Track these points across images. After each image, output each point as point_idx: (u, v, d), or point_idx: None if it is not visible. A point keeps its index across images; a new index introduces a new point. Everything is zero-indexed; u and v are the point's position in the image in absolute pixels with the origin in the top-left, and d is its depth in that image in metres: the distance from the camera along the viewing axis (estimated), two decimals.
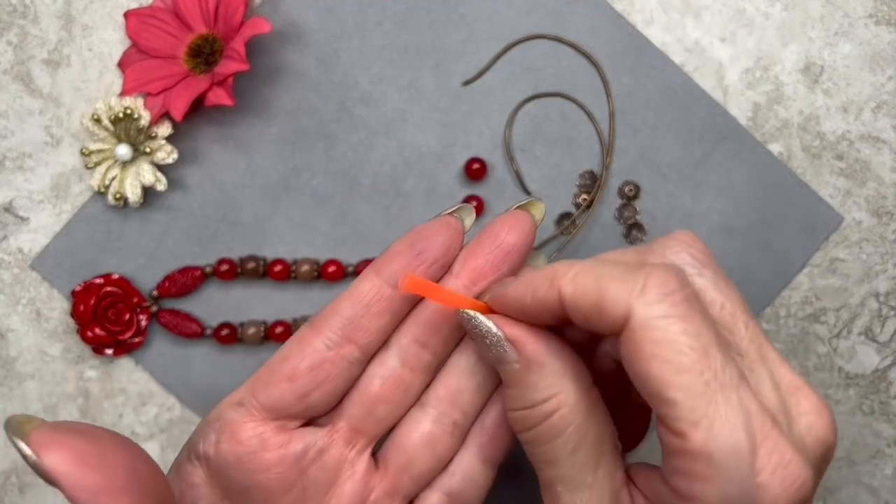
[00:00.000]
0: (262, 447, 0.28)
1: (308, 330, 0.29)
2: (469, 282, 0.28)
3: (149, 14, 0.39)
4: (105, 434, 0.23)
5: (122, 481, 0.21)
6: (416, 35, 0.40)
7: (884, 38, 0.41)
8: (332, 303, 0.29)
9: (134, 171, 0.39)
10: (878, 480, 0.41)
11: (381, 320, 0.29)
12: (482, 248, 0.29)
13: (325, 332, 0.28)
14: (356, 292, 0.29)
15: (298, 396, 0.28)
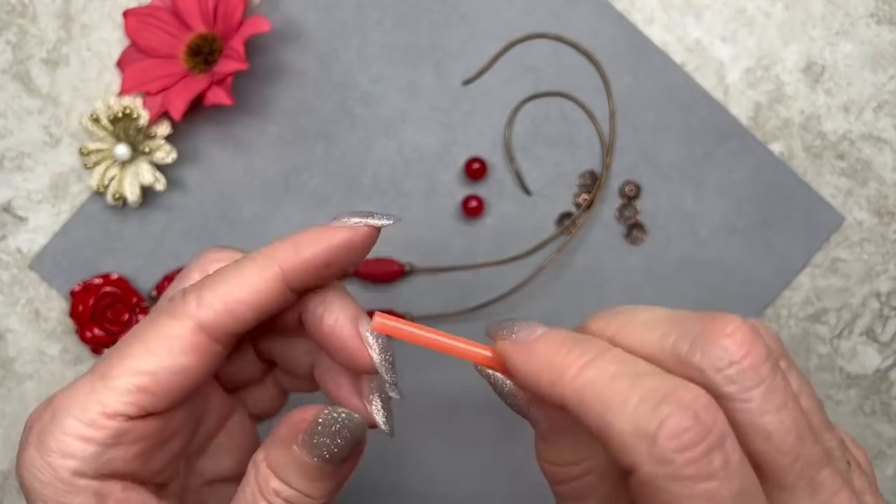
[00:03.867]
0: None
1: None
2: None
3: (148, 13, 0.39)
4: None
5: None
6: (416, 34, 0.40)
7: (885, 38, 0.40)
8: None
9: (133, 171, 0.39)
10: (880, 481, 0.41)
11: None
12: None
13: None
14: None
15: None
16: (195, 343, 0.24)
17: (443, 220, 0.40)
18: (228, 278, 0.24)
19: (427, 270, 0.40)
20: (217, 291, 0.24)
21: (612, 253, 0.41)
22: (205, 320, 0.24)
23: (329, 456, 0.24)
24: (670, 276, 0.41)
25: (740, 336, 0.21)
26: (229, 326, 0.24)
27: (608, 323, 0.23)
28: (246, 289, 0.24)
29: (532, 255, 0.40)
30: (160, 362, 0.24)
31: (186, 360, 0.24)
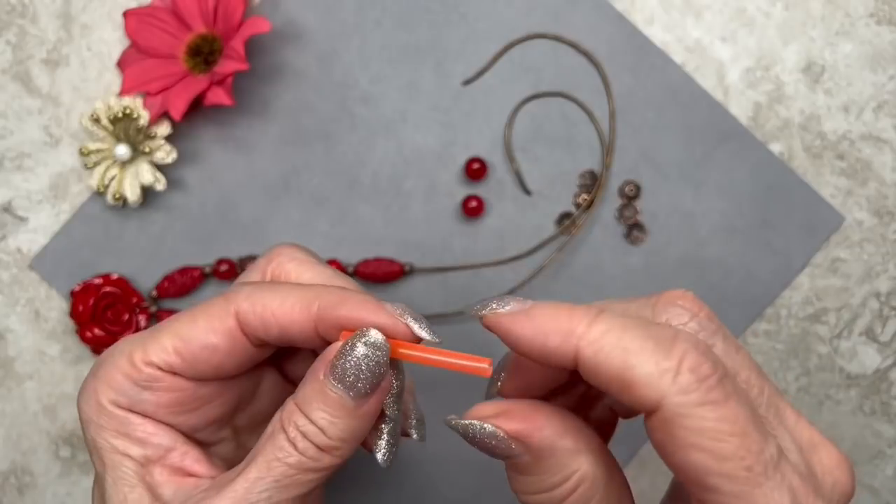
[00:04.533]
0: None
1: None
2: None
3: (148, 13, 0.39)
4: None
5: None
6: (416, 35, 0.40)
7: (885, 38, 0.41)
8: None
9: (133, 171, 0.39)
10: (879, 481, 0.41)
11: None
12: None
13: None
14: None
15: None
16: (229, 329, 0.26)
17: (443, 220, 0.40)
18: (278, 291, 0.26)
19: (427, 270, 0.40)
20: (263, 298, 0.26)
21: (612, 253, 0.41)
22: (242, 314, 0.26)
23: (352, 381, 0.25)
24: (670, 276, 0.41)
25: (690, 298, 0.25)
26: (260, 333, 0.26)
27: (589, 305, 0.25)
28: (285, 310, 0.26)
29: (532, 255, 0.40)
30: (194, 332, 0.26)
31: (216, 339, 0.26)
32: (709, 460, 0.21)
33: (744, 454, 0.21)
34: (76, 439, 0.40)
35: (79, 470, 0.41)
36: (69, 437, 0.40)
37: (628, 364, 0.22)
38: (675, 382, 0.21)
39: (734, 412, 0.21)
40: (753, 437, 0.21)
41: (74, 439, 0.40)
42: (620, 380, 0.22)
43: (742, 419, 0.22)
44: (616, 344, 0.22)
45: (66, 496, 0.41)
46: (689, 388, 0.21)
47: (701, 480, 0.22)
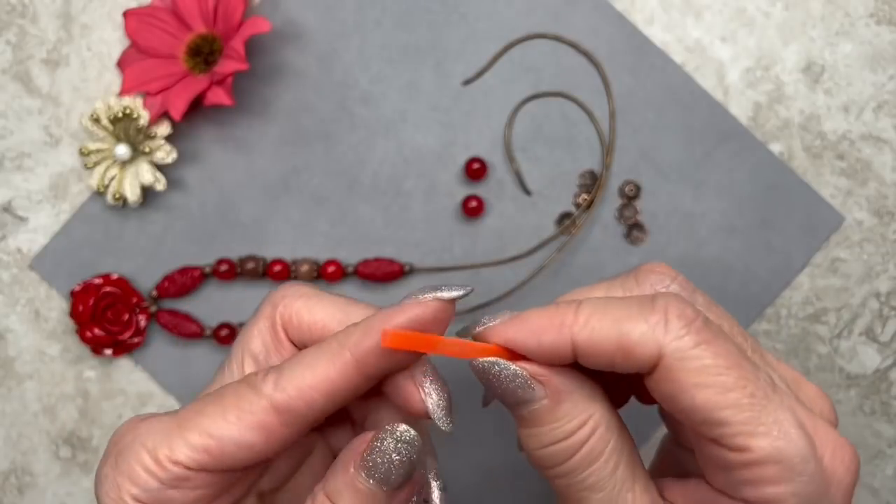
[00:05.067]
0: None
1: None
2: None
3: (148, 13, 0.39)
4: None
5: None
6: (416, 35, 0.40)
7: (885, 38, 0.41)
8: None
9: (133, 171, 0.39)
10: (879, 481, 0.41)
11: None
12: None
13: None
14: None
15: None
16: (265, 423, 0.24)
17: (443, 220, 0.40)
18: (304, 363, 0.25)
19: (427, 270, 0.40)
20: (292, 376, 0.24)
21: (612, 253, 0.41)
22: (279, 404, 0.24)
23: (384, 475, 0.24)
24: None
25: (666, 266, 0.27)
26: (302, 412, 0.24)
27: (563, 298, 0.26)
28: (319, 376, 0.24)
29: (532, 255, 0.40)
30: (228, 430, 0.24)
31: (253, 436, 0.24)
32: (715, 395, 0.22)
33: (744, 383, 0.23)
34: (76, 439, 0.40)
35: (79, 470, 0.41)
36: (69, 437, 0.40)
37: (622, 332, 0.23)
38: (668, 331, 0.23)
39: (725, 348, 0.23)
40: (747, 368, 0.23)
41: (74, 439, 0.40)
42: (620, 349, 0.23)
43: (733, 353, 0.23)
44: (605, 319, 0.23)
45: (66, 496, 0.41)
46: (681, 332, 0.23)
47: (711, 417, 0.23)
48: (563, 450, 0.25)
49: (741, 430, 0.22)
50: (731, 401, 0.22)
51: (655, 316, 0.23)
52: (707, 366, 0.23)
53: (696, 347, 0.23)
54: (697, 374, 0.23)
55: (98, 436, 0.40)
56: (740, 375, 0.23)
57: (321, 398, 0.24)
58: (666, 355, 0.23)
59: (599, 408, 0.25)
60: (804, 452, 0.23)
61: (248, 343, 0.27)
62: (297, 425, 0.25)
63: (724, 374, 0.23)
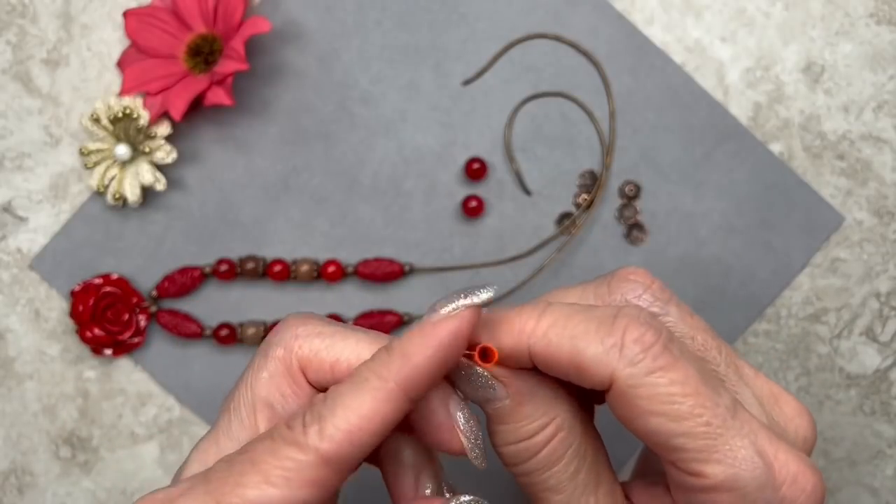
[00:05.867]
0: None
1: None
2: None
3: (148, 13, 0.39)
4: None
5: None
6: (416, 35, 0.40)
7: (885, 38, 0.41)
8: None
9: (133, 171, 0.39)
10: (879, 481, 0.41)
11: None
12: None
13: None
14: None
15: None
16: (316, 478, 0.22)
17: (443, 220, 0.40)
18: (345, 404, 0.23)
19: (427, 270, 0.40)
20: (336, 422, 0.23)
21: (611, 253, 0.41)
22: (328, 453, 0.22)
23: None
24: (670, 276, 0.41)
25: (642, 273, 0.26)
26: (353, 455, 0.23)
27: (540, 299, 0.26)
28: (366, 415, 0.23)
29: (532, 255, 0.40)
30: (278, 495, 0.22)
31: (304, 493, 0.22)
32: (668, 423, 0.22)
33: (700, 411, 0.22)
34: (76, 439, 0.40)
35: (79, 470, 0.41)
36: (69, 437, 0.40)
37: (577, 349, 0.23)
38: (622, 356, 0.22)
39: (683, 373, 0.22)
40: (706, 394, 0.23)
41: (74, 439, 0.40)
42: (573, 366, 0.23)
43: (692, 379, 0.23)
44: (562, 333, 0.23)
45: (66, 496, 0.41)
46: (635, 358, 0.22)
47: (665, 443, 0.23)
48: (526, 449, 0.25)
49: (695, 458, 0.22)
50: (685, 429, 0.22)
51: (612, 338, 0.23)
52: (660, 394, 0.22)
53: (650, 375, 0.22)
54: (651, 402, 0.22)
55: (98, 436, 0.40)
56: (696, 403, 0.22)
57: (370, 438, 0.23)
58: (618, 381, 0.22)
59: (563, 411, 0.25)
60: (760, 480, 0.22)
61: (257, 390, 0.25)
62: (347, 470, 0.23)
63: (678, 403, 0.22)
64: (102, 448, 0.40)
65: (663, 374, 0.22)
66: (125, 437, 0.40)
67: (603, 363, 0.23)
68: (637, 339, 0.23)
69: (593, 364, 0.23)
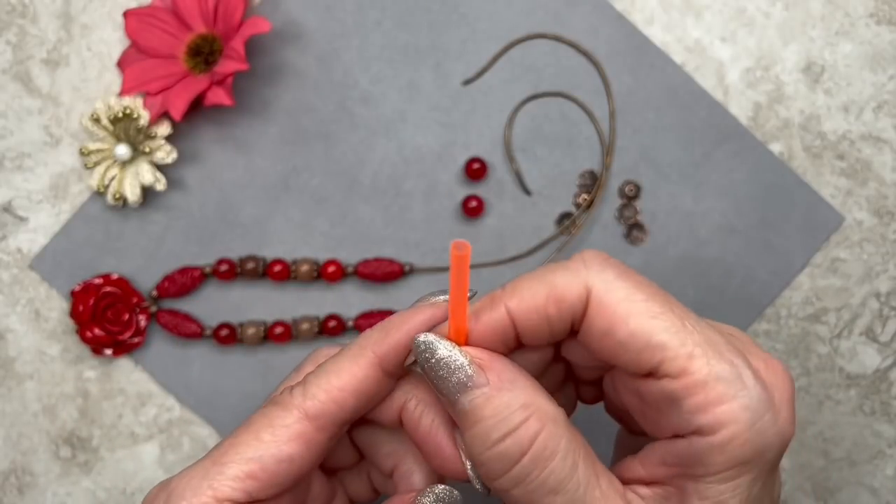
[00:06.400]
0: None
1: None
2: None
3: (148, 13, 0.39)
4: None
5: None
6: (416, 35, 0.40)
7: (885, 38, 0.41)
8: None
9: (133, 171, 0.39)
10: (879, 481, 0.41)
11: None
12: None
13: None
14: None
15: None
16: (301, 432, 0.25)
17: (443, 220, 0.40)
18: (327, 369, 0.26)
19: (427, 270, 0.40)
20: (319, 383, 0.25)
21: (611, 253, 0.40)
22: (311, 410, 0.25)
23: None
24: (670, 276, 0.41)
25: (597, 252, 0.26)
26: (334, 414, 0.25)
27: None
28: (344, 376, 0.25)
29: (532, 255, 0.40)
30: (268, 449, 0.25)
31: (292, 448, 0.25)
32: (647, 320, 0.23)
33: (671, 308, 0.23)
34: (76, 439, 0.40)
35: (79, 470, 0.41)
36: (69, 437, 0.40)
37: (549, 283, 0.24)
38: (590, 269, 0.24)
39: (643, 280, 0.24)
40: (671, 300, 0.24)
41: (74, 439, 0.40)
42: (550, 299, 0.24)
43: (651, 285, 0.24)
44: (532, 280, 0.24)
45: (66, 496, 0.41)
46: (601, 267, 0.24)
47: (647, 343, 0.23)
48: (512, 447, 0.23)
49: (679, 353, 0.23)
50: (664, 324, 0.23)
51: (575, 263, 0.24)
52: (632, 293, 0.23)
53: (618, 279, 0.23)
54: (627, 303, 0.23)
55: (98, 436, 0.40)
56: (665, 302, 0.23)
57: (351, 398, 0.25)
58: (593, 289, 0.23)
59: (545, 403, 0.24)
60: (739, 369, 0.23)
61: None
62: (331, 429, 0.25)
63: (651, 300, 0.23)
64: (102, 448, 0.40)
65: (629, 278, 0.24)
66: (125, 437, 0.40)
67: (575, 281, 0.24)
68: (595, 255, 0.24)
69: (568, 286, 0.23)
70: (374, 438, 0.28)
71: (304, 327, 0.40)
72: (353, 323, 0.40)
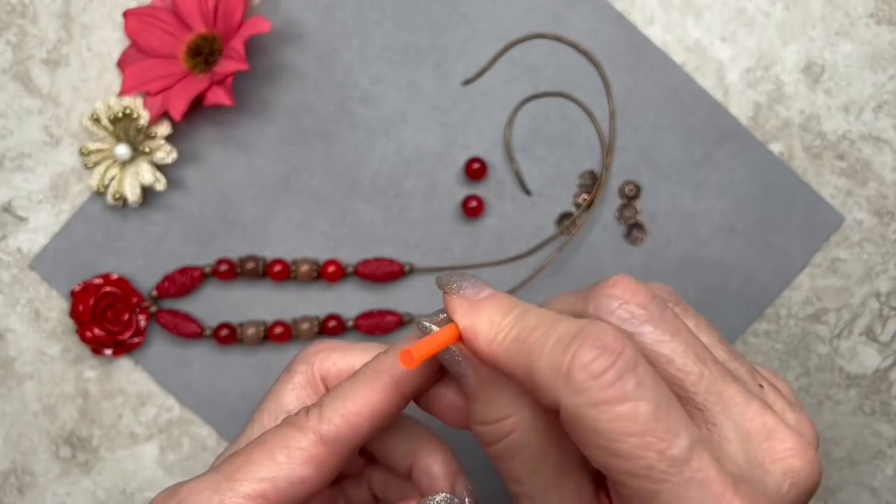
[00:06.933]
0: None
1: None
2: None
3: (148, 13, 0.39)
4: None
5: None
6: (416, 35, 0.40)
7: (885, 38, 0.41)
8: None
9: (133, 171, 0.39)
10: (879, 481, 0.41)
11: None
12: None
13: None
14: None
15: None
16: (315, 455, 0.25)
17: (443, 220, 0.40)
18: (344, 393, 0.26)
19: (427, 270, 0.40)
20: (335, 406, 0.25)
21: (611, 253, 0.41)
22: (326, 434, 0.25)
23: None
24: (670, 276, 0.41)
25: (624, 284, 0.25)
26: (349, 438, 0.25)
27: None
28: (360, 401, 0.25)
29: (532, 255, 0.40)
30: (281, 471, 0.25)
31: (305, 470, 0.25)
32: (610, 459, 0.21)
33: (642, 454, 0.21)
34: (76, 439, 0.40)
35: (79, 470, 0.41)
36: (69, 437, 0.40)
37: (531, 369, 0.22)
38: (567, 383, 0.21)
39: (632, 409, 0.21)
40: (656, 434, 0.21)
41: (74, 439, 0.40)
42: (529, 385, 0.22)
43: (642, 416, 0.21)
44: (520, 350, 0.23)
45: (66, 496, 0.41)
46: (580, 387, 0.21)
47: (608, 476, 0.22)
48: (488, 433, 0.25)
49: (633, 495, 0.21)
50: (627, 468, 0.21)
51: (561, 359, 0.21)
52: (602, 429, 0.21)
53: (593, 407, 0.21)
54: (593, 435, 0.21)
55: (98, 436, 0.40)
56: (640, 444, 0.21)
57: (366, 422, 0.25)
58: (562, 408, 0.22)
59: (526, 409, 0.24)
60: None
61: (280, 401, 0.28)
62: (344, 453, 0.26)
63: (619, 441, 0.21)
64: (102, 448, 0.40)
65: (607, 409, 0.21)
66: (125, 437, 0.40)
67: (549, 388, 0.22)
68: (585, 365, 0.21)
69: (542, 387, 0.22)
70: (388, 443, 0.29)
71: (304, 327, 0.40)
72: (352, 323, 0.40)
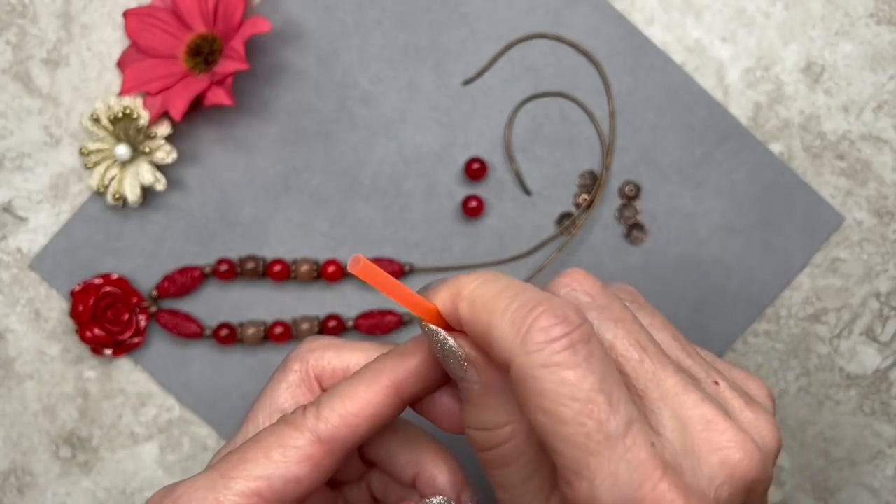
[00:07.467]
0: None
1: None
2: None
3: (148, 13, 0.39)
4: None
5: None
6: (416, 35, 0.40)
7: (885, 38, 0.41)
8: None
9: (133, 171, 0.39)
10: (879, 481, 0.41)
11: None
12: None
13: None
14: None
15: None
16: (311, 454, 0.25)
17: (443, 220, 0.40)
18: (342, 393, 0.26)
19: (427, 270, 0.40)
20: (333, 406, 0.25)
21: (611, 253, 0.41)
22: (323, 433, 0.25)
23: None
24: (670, 276, 0.41)
25: (576, 275, 0.25)
26: (346, 439, 0.25)
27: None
28: (359, 402, 0.25)
29: (532, 255, 0.40)
30: (276, 469, 0.25)
31: (300, 469, 0.25)
32: (549, 423, 0.22)
33: (583, 420, 0.21)
34: (76, 439, 0.40)
35: (79, 470, 0.41)
36: (69, 437, 0.40)
37: (490, 325, 0.23)
38: (523, 342, 0.22)
39: (580, 377, 0.21)
40: (598, 405, 0.21)
41: (74, 439, 0.40)
42: (485, 342, 0.23)
43: (589, 385, 0.21)
44: (484, 306, 0.23)
45: (66, 496, 0.41)
46: (534, 347, 0.22)
47: (546, 441, 0.22)
48: (486, 439, 0.25)
49: (568, 466, 0.22)
50: (565, 434, 0.21)
51: (522, 322, 0.22)
52: (548, 390, 0.21)
53: (543, 368, 0.21)
54: (538, 396, 0.22)
55: (98, 436, 0.40)
56: (582, 411, 0.21)
57: (364, 423, 0.25)
58: (513, 366, 0.22)
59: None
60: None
61: (275, 399, 0.28)
62: (340, 453, 0.26)
63: (563, 406, 0.21)
64: (102, 448, 0.40)
65: (557, 371, 0.21)
66: (125, 437, 0.40)
67: (505, 345, 0.22)
68: (544, 328, 0.22)
69: (498, 344, 0.22)
70: (390, 450, 0.29)
71: (304, 327, 0.40)
72: (353, 323, 0.40)
